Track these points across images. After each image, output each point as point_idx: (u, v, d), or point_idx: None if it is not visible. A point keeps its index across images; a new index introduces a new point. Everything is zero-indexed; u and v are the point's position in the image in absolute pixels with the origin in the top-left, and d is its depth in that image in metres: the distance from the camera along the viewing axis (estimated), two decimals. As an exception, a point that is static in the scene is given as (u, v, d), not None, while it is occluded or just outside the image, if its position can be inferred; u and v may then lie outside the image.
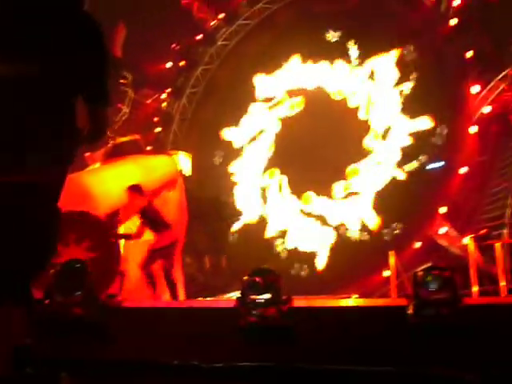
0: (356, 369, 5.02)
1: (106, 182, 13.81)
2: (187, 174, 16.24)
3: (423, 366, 5.17)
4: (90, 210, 12.12)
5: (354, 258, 15.84)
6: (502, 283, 9.94)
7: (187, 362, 5.01)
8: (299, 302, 6.25)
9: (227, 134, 19.23)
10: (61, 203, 3.84)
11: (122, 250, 12.19)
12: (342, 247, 16.86)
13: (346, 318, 6.50)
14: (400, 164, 16.99)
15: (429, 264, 8.38)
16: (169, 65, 20.38)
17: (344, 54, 18.46)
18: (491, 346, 5.69)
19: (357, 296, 11.85)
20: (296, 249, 17.40)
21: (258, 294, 5.78)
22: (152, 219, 10.92)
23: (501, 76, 15.99)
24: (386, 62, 17.84)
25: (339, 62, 18.51)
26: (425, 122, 16.89)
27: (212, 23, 20.40)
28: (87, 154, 16.92)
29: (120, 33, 19.13)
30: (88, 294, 6.24)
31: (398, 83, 17.58)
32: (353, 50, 18.36)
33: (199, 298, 14.11)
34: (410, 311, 5.97)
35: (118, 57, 19.34)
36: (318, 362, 5.36)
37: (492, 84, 16.12)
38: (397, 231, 16.31)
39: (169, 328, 6.15)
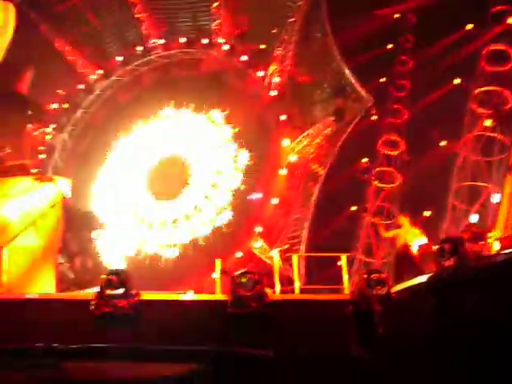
0: (186, 348, 4.96)
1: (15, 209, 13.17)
2: (67, 196, 15.54)
3: (237, 345, 5.22)
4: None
5: (190, 262, 15.84)
6: (297, 284, 10.22)
7: (48, 344, 4.73)
8: (146, 295, 6.11)
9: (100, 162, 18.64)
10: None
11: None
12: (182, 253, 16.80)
13: (182, 307, 6.45)
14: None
15: (245, 269, 8.49)
16: (55, 106, 19.52)
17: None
18: (287, 329, 5.87)
19: (192, 291, 11.75)
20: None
21: (113, 290, 5.61)
22: None
23: (304, 134, 16.73)
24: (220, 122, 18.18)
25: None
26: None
27: (92, 77, 19.80)
28: (-18, 172, 15.75)
29: (27, 76, 18.34)
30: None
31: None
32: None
33: (69, 292, 13.42)
34: (229, 304, 6.04)
35: (23, 94, 18.42)
36: (159, 342, 5.27)
37: (298, 139, 16.80)
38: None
39: (40, 316, 5.81)
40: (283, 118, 17.11)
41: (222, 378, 4.71)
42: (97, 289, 5.88)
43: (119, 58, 19.62)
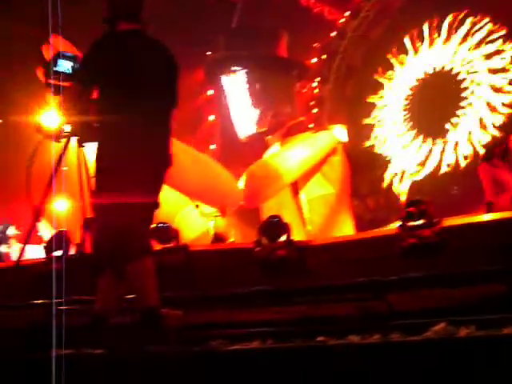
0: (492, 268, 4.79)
1: (289, 158, 14.79)
2: (345, 141, 16.38)
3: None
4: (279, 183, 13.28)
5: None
6: None
7: (363, 280, 5.08)
8: (447, 221, 6.10)
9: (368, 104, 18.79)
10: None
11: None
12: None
13: (483, 229, 6.22)
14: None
15: None
16: (314, 60, 20.27)
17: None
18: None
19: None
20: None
21: (414, 221, 5.76)
22: None
23: None
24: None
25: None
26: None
27: (341, 21, 19.92)
28: (268, 137, 17.44)
29: (284, 39, 19.52)
30: (288, 238, 6.53)
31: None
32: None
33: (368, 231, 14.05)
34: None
35: (285, 57, 19.86)
36: (466, 266, 5.24)
37: None
38: None
39: (350, 255, 6.28)
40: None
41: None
42: (398, 223, 6.12)
43: (362, -6, 19.33)
